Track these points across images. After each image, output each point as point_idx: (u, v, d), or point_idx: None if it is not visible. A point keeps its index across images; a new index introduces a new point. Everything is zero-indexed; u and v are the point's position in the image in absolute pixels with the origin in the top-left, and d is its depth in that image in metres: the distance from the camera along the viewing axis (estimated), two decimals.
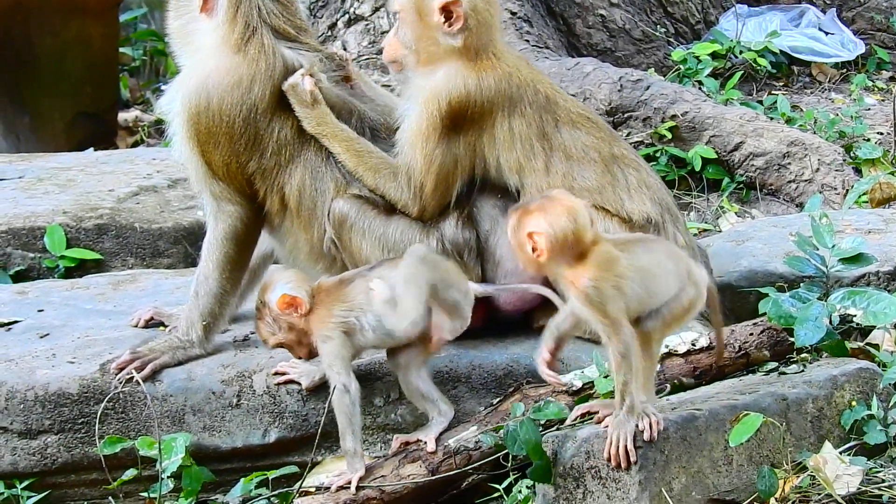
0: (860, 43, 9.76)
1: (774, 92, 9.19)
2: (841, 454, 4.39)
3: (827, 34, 9.76)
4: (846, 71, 9.62)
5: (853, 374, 4.63)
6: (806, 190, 7.86)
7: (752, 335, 4.93)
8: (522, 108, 5.05)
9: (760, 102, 8.94)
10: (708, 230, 7.45)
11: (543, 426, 4.51)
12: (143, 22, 11.73)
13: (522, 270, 4.99)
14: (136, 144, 9.69)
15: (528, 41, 8.83)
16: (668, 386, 4.73)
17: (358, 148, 5.07)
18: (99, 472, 4.91)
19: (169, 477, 4.70)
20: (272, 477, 4.79)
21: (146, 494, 4.81)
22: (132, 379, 4.94)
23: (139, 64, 11.30)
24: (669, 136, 8.06)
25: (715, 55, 9.22)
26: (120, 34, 10.30)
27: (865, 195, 7.23)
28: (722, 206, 7.84)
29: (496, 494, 4.67)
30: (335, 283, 4.76)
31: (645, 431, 4.22)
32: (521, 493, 4.56)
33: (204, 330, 5.09)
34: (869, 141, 8.31)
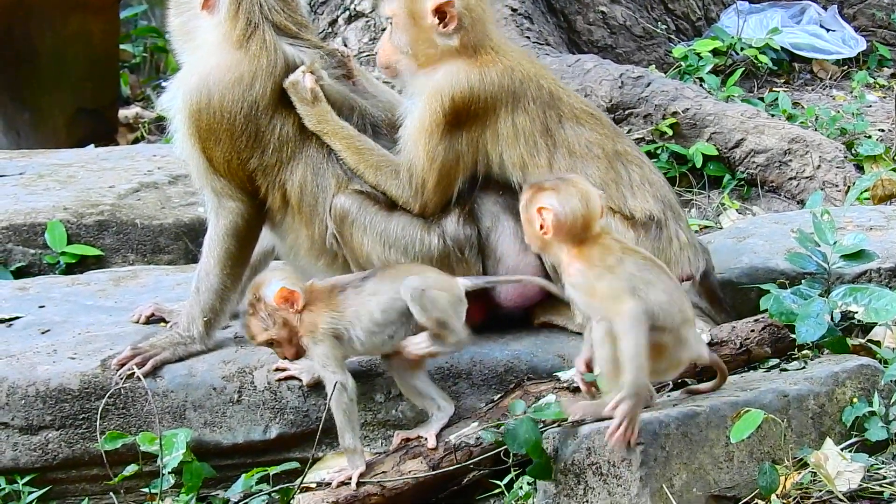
0: (861, 40, 9.75)
1: (775, 89, 9.18)
2: (842, 451, 4.38)
3: (828, 31, 9.75)
4: (847, 68, 9.61)
5: (854, 370, 4.62)
6: (807, 187, 7.85)
7: (753, 332, 4.93)
8: (526, 103, 5.03)
9: (761, 99, 8.92)
10: (709, 227, 7.44)
11: (544, 423, 4.51)
12: (143, 18, 11.73)
13: (524, 267, 5.01)
14: (136, 141, 9.69)
15: (528, 38, 8.82)
16: (670, 384, 4.72)
17: (359, 145, 5.05)
18: (100, 467, 4.91)
19: (170, 473, 4.71)
20: (273, 473, 4.80)
21: (147, 490, 4.82)
22: (133, 375, 4.95)
23: (140, 60, 11.30)
24: (670, 132, 8.04)
25: (716, 52, 9.20)
26: (120, 31, 10.30)
27: (867, 192, 7.22)
28: (723, 202, 7.83)
29: (497, 490, 4.67)
30: (328, 287, 4.73)
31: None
32: (521, 489, 4.56)
33: (205, 326, 5.09)
34: (870, 138, 8.29)
